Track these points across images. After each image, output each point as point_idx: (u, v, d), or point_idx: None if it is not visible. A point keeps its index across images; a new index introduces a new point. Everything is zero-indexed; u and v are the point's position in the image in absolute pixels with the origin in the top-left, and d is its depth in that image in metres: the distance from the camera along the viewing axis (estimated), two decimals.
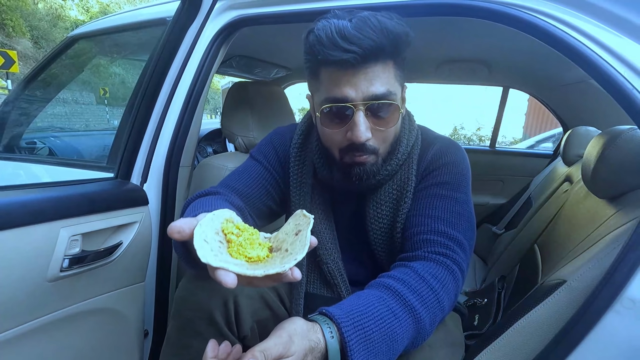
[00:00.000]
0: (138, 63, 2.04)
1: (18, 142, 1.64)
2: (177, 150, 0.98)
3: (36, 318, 0.64)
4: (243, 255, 0.47)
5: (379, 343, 0.54)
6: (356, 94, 0.65)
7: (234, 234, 0.49)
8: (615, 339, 0.54)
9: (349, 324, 0.53)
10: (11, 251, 0.58)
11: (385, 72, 0.66)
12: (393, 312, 0.58)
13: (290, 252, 0.47)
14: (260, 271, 0.43)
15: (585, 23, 0.64)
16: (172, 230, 0.47)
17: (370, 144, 0.69)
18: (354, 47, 0.61)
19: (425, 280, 0.63)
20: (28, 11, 12.95)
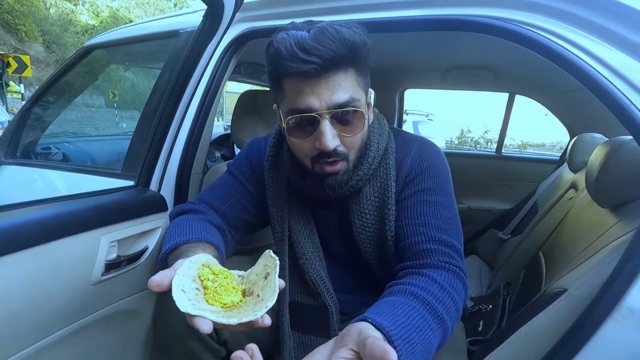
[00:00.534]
0: (148, 70, 2.10)
1: (34, 147, 1.69)
2: (189, 158, 1.01)
3: (80, 319, 0.69)
4: (219, 302, 0.51)
5: (419, 355, 0.54)
6: (320, 103, 0.65)
7: (209, 280, 0.53)
8: (614, 347, 0.56)
9: (398, 337, 0.52)
10: (63, 258, 0.62)
11: (347, 80, 0.66)
12: (428, 324, 0.58)
13: (261, 297, 0.50)
14: (235, 319, 0.47)
15: (584, 39, 0.66)
16: (151, 284, 0.50)
17: (340, 150, 0.70)
18: (314, 57, 0.61)
19: (446, 290, 0.64)
20: (40, 16, 13.21)
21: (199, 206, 0.86)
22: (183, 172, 1.00)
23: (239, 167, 0.91)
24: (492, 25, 0.75)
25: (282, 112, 0.72)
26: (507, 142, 8.41)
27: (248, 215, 0.90)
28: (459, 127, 11.80)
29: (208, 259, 0.59)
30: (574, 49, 0.66)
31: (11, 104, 7.47)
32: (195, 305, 0.47)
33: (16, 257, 0.55)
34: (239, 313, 0.49)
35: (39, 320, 0.60)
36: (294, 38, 0.62)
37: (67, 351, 0.69)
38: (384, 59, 1.83)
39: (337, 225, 0.86)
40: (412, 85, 2.41)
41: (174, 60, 1.01)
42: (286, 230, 0.85)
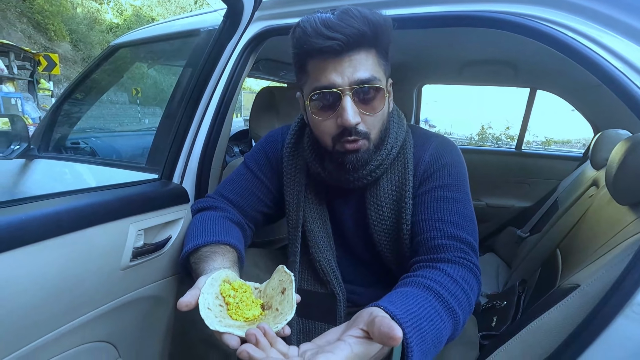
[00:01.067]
0: (170, 68, 2.16)
1: (64, 142, 1.78)
2: (209, 153, 1.05)
3: (109, 302, 0.74)
4: (241, 316, 0.56)
5: (429, 344, 0.56)
6: (342, 80, 0.68)
7: (231, 297, 0.59)
8: (625, 342, 0.56)
9: (409, 325, 0.53)
10: (96, 244, 0.67)
11: (369, 59, 0.69)
12: (440, 315, 0.59)
13: (280, 311, 0.56)
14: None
15: (601, 34, 0.65)
16: (180, 305, 0.56)
17: (361, 128, 0.71)
18: (337, 34, 0.64)
19: (459, 284, 0.65)
20: (68, 16, 13.66)
21: (218, 202, 0.90)
22: (203, 166, 1.04)
23: (255, 159, 0.94)
24: (508, 21, 0.75)
25: (305, 93, 0.75)
26: (530, 139, 8.13)
27: (264, 207, 0.93)
28: (479, 122, 11.52)
29: (227, 274, 0.64)
30: (590, 42, 0.66)
31: (42, 101, 7.81)
32: (221, 321, 0.53)
33: (55, 242, 0.60)
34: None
35: (74, 301, 0.65)
36: (319, 18, 0.66)
37: (96, 331, 0.74)
38: (402, 55, 1.82)
39: (352, 216, 0.88)
40: (430, 80, 2.39)
41: (195, 58, 1.05)
42: (300, 217, 0.87)
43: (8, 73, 6.68)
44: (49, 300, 0.61)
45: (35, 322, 0.60)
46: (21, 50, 7.24)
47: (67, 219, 0.61)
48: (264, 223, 0.98)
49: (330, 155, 0.77)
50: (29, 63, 7.68)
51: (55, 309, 0.62)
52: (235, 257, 0.76)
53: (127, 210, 0.72)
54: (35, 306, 0.59)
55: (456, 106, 9.53)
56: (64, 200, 0.64)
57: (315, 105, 0.72)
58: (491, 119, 11.63)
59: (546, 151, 3.33)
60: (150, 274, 0.82)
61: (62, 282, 0.62)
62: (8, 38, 9.06)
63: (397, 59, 1.92)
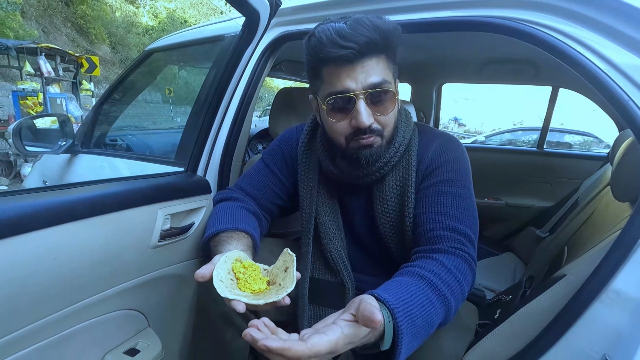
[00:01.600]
0: (200, 70, 2.30)
1: (104, 139, 1.95)
2: (230, 149, 1.15)
3: (140, 276, 0.86)
4: (249, 289, 0.65)
5: (419, 328, 0.61)
6: (356, 85, 0.73)
7: (241, 273, 0.67)
8: (600, 326, 0.59)
9: (400, 310, 0.58)
10: (131, 224, 0.79)
11: (380, 65, 0.75)
12: (431, 301, 0.64)
13: (282, 286, 0.63)
14: (262, 301, 0.60)
15: (588, 35, 0.69)
16: (197, 276, 0.65)
17: (375, 127, 0.77)
18: (351, 43, 0.70)
19: (452, 272, 0.70)
20: (107, 20, 14.44)
21: (237, 193, 0.99)
22: (225, 161, 1.14)
23: (272, 156, 1.02)
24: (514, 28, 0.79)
25: (320, 97, 0.81)
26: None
27: (279, 200, 1.01)
28: (511, 121, 11.11)
29: (240, 254, 0.73)
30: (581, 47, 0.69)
31: (84, 101, 8.33)
32: (231, 291, 0.61)
33: (99, 219, 0.72)
34: (264, 296, 0.62)
35: (113, 271, 0.78)
36: (333, 28, 0.72)
37: (130, 300, 0.86)
38: (421, 54, 1.85)
39: (361, 211, 0.94)
40: (450, 79, 2.39)
41: (219, 62, 1.15)
42: (313, 211, 0.94)
43: (54, 75, 7.18)
44: (94, 268, 0.73)
45: (85, 284, 0.72)
46: (66, 53, 7.75)
47: (109, 202, 0.73)
48: (279, 215, 1.06)
49: (344, 152, 0.82)
50: (73, 65, 8.20)
51: (99, 275, 0.74)
52: (249, 243, 0.84)
53: (156, 196, 0.84)
54: (85, 271, 0.71)
55: (487, 104, 9.24)
56: (106, 186, 0.77)
57: (331, 108, 0.78)
58: (523, 117, 11.20)
59: (569, 150, 3.22)
60: (176, 255, 0.93)
61: (105, 253, 0.73)
62: (54, 42, 9.73)
63: (416, 58, 1.95)
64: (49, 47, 7.19)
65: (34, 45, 6.84)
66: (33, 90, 6.68)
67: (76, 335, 0.74)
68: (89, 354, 0.78)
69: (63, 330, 0.71)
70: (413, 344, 0.60)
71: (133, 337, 0.88)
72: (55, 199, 0.65)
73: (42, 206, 0.62)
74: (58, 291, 0.67)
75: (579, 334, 0.61)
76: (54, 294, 0.67)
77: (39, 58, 6.66)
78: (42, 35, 11.09)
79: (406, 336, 0.57)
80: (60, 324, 0.70)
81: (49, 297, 0.66)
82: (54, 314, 0.67)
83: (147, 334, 0.91)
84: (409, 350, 0.60)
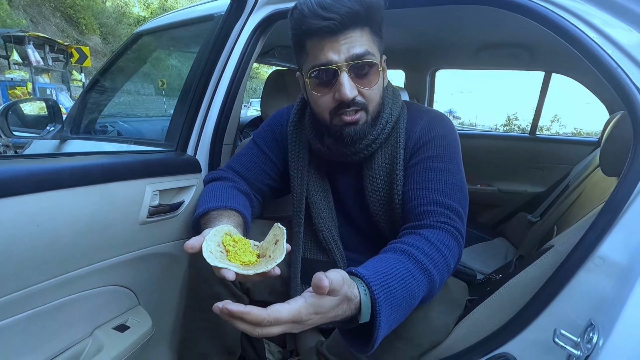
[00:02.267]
0: (191, 55, 2.27)
1: (94, 126, 1.92)
2: (221, 130, 1.13)
3: (129, 252, 0.85)
4: (239, 260, 0.64)
5: (400, 300, 0.61)
6: (339, 56, 0.73)
7: (230, 246, 0.66)
8: (587, 291, 0.60)
9: (377, 283, 0.58)
10: (118, 197, 0.79)
11: (363, 37, 0.74)
12: (412, 274, 0.64)
13: (272, 257, 0.63)
14: (251, 271, 0.59)
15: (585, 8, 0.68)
16: (186, 247, 0.64)
17: (359, 99, 0.76)
18: (333, 14, 0.69)
19: (436, 246, 0.70)
20: (98, 9, 14.15)
21: (228, 174, 0.98)
22: (216, 142, 1.13)
23: (262, 136, 1.01)
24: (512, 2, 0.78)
25: (304, 71, 0.80)
26: (559, 129, 7.80)
27: (270, 180, 1.01)
28: (505, 113, 11.18)
29: (230, 228, 0.72)
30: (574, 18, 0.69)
31: (74, 92, 8.20)
32: (221, 261, 0.61)
33: (85, 189, 0.71)
34: (254, 267, 0.62)
35: (100, 244, 0.77)
36: (315, 0, 0.71)
37: (119, 276, 0.86)
38: (415, 38, 1.84)
39: (352, 189, 0.94)
40: (444, 65, 2.38)
41: (207, 42, 1.13)
42: (304, 191, 0.94)
43: (44, 65, 7.05)
44: (80, 239, 0.72)
45: (70, 254, 0.72)
46: (55, 42, 7.61)
47: (95, 172, 0.72)
48: (271, 196, 1.06)
49: (329, 130, 0.82)
50: (62, 55, 8.05)
51: (85, 247, 0.74)
52: (240, 220, 0.84)
53: (144, 171, 0.83)
54: (69, 241, 0.70)
55: (482, 97, 9.29)
56: (92, 158, 0.76)
57: (314, 82, 0.77)
58: (518, 109, 11.26)
59: (560, 136, 3.25)
60: (166, 234, 0.93)
61: (90, 225, 0.73)
62: (43, 32, 9.53)
63: (410, 43, 1.94)
64: (37, 36, 7.05)
65: (21, 34, 6.70)
66: (22, 80, 6.57)
67: (64, 307, 0.73)
68: (78, 327, 0.78)
69: (51, 301, 0.70)
70: (394, 317, 0.60)
71: (123, 313, 0.88)
72: (38, 165, 0.64)
73: (24, 171, 0.61)
74: (44, 260, 0.66)
75: (565, 302, 0.62)
76: (39, 262, 0.66)
77: (27, 47, 6.54)
78: (30, 25, 10.85)
79: (384, 308, 0.58)
80: (47, 295, 0.69)
81: (33, 265, 0.65)
82: (40, 283, 0.67)
83: (137, 311, 0.91)
84: (390, 323, 0.60)
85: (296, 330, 0.53)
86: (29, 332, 0.68)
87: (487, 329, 0.73)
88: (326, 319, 0.54)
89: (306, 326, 0.53)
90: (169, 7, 17.39)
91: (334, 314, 0.55)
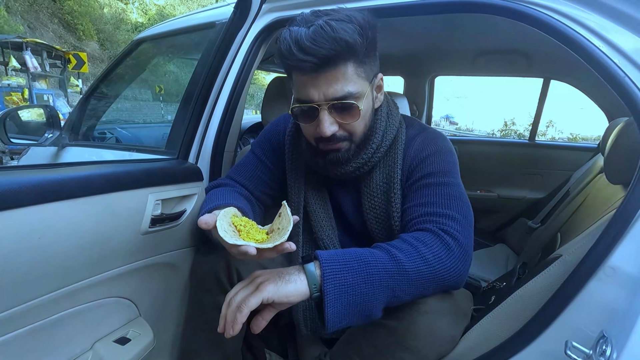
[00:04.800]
0: (190, 62, 2.26)
1: (92, 132, 1.91)
2: (222, 137, 1.13)
3: (131, 262, 0.84)
4: (252, 238, 0.64)
5: (352, 262, 0.64)
6: (319, 95, 0.73)
7: (241, 225, 0.67)
8: (598, 302, 0.60)
9: (326, 257, 0.64)
10: (120, 207, 0.77)
11: (346, 74, 0.72)
12: (370, 251, 0.68)
13: (281, 229, 0.64)
14: (270, 244, 0.60)
15: (589, 17, 0.68)
16: (200, 223, 0.64)
17: (339, 134, 0.77)
18: (309, 57, 0.68)
19: (405, 240, 0.70)
20: (95, 16, 14.17)
21: (228, 181, 0.98)
22: (217, 149, 1.12)
23: (261, 146, 1.01)
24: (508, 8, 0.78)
25: (293, 99, 0.81)
26: (555, 135, 7.86)
27: (269, 189, 1.01)
28: (502, 119, 11.24)
29: (235, 211, 0.72)
30: (578, 27, 0.69)
31: (72, 98, 8.17)
32: (237, 240, 0.61)
33: (88, 200, 0.70)
34: (270, 241, 0.62)
35: (103, 255, 0.76)
36: (293, 37, 0.70)
37: (120, 287, 0.84)
38: (414, 45, 1.85)
39: (350, 201, 0.94)
40: (443, 72, 2.39)
41: (209, 49, 1.13)
42: (302, 200, 0.93)
43: (41, 71, 7.03)
44: (82, 251, 0.70)
45: (72, 267, 0.70)
46: (52, 48, 7.59)
47: (97, 183, 0.71)
48: (271, 204, 1.05)
49: (315, 153, 0.84)
50: (60, 61, 8.03)
51: (87, 259, 0.72)
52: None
53: (146, 181, 0.82)
54: (72, 253, 0.69)
55: (479, 102, 9.35)
56: (94, 167, 0.75)
57: (297, 114, 0.79)
58: (515, 114, 11.33)
59: (559, 142, 3.26)
60: (168, 243, 0.91)
61: (93, 236, 0.71)
62: (41, 38, 9.50)
63: (408, 50, 1.95)
64: (34, 42, 7.04)
65: (19, 40, 6.68)
66: (19, 86, 6.54)
67: (64, 320, 0.72)
68: (77, 341, 0.76)
69: (50, 315, 0.69)
70: (347, 291, 0.63)
71: (124, 326, 0.86)
72: (41, 176, 0.63)
73: (26, 183, 0.59)
74: (45, 273, 0.65)
75: (576, 313, 0.61)
76: (40, 275, 0.64)
77: (24, 53, 6.52)
78: (28, 31, 10.83)
79: (331, 264, 0.63)
80: (48, 308, 0.68)
81: (34, 279, 0.64)
82: (40, 297, 0.65)
83: (138, 323, 0.89)
84: (344, 295, 0.62)
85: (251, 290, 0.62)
86: (28, 348, 0.66)
87: (495, 340, 0.72)
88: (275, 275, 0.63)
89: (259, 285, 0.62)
90: (167, 14, 17.46)
91: (287, 288, 0.62)
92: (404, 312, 0.72)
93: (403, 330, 0.72)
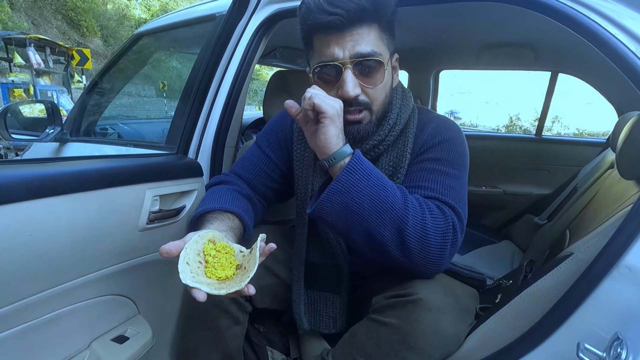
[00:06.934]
0: (192, 57, 2.24)
1: (94, 128, 1.90)
2: (223, 132, 1.11)
3: (129, 260, 0.82)
4: (214, 275, 0.61)
5: (373, 178, 0.66)
6: (343, 53, 0.71)
7: (211, 256, 0.63)
8: (612, 302, 0.57)
9: (360, 154, 0.69)
10: (117, 203, 0.76)
11: (370, 34, 0.72)
12: (393, 185, 0.70)
13: (246, 269, 0.60)
14: (224, 291, 0.57)
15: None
16: (162, 252, 0.62)
17: (362, 99, 0.75)
18: (338, 9, 0.68)
19: (421, 203, 0.71)
20: (99, 12, 14.17)
21: (230, 177, 0.96)
22: (217, 145, 1.10)
23: (265, 139, 0.99)
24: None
25: (311, 67, 0.79)
26: (561, 130, 7.79)
27: (273, 183, 0.98)
28: (507, 114, 11.14)
29: (214, 234, 0.68)
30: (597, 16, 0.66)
31: (75, 94, 8.18)
32: (194, 277, 0.58)
33: (83, 196, 0.68)
34: (228, 285, 0.58)
35: (99, 252, 0.74)
36: None
37: (118, 285, 0.82)
38: (418, 39, 1.81)
39: None
40: (447, 66, 2.35)
41: (208, 41, 1.10)
42: (309, 190, 0.91)
43: (44, 67, 7.03)
44: (77, 248, 0.69)
45: (67, 264, 0.69)
46: (56, 44, 7.58)
47: (93, 178, 0.69)
48: (275, 199, 1.04)
49: None
50: (63, 57, 8.03)
51: (83, 256, 0.71)
52: (234, 224, 0.81)
53: (144, 176, 0.80)
54: (66, 250, 0.67)
55: (484, 97, 9.27)
56: (90, 162, 0.73)
57: (319, 77, 0.76)
58: (520, 110, 11.23)
59: (566, 137, 3.21)
60: (167, 240, 0.88)
61: (88, 232, 0.70)
62: (44, 34, 9.53)
63: (413, 44, 1.91)
64: (38, 38, 7.03)
65: (22, 36, 6.67)
66: (22, 82, 6.56)
67: (60, 319, 0.70)
68: (74, 339, 0.74)
69: (44, 314, 0.67)
70: (351, 193, 0.66)
71: (122, 324, 0.84)
72: (32, 171, 0.61)
73: (18, 177, 0.58)
74: (38, 270, 0.63)
75: (588, 313, 0.59)
76: (33, 273, 0.63)
77: (28, 49, 6.52)
78: (31, 28, 10.85)
79: (348, 173, 0.67)
80: (41, 307, 0.66)
81: (25, 277, 0.62)
82: (31, 295, 0.64)
83: (137, 321, 0.87)
84: (346, 194, 0.66)
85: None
86: (22, 347, 0.65)
87: (503, 340, 0.70)
88: None
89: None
90: (170, 9, 17.42)
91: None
92: (407, 310, 0.71)
93: (407, 329, 0.70)
